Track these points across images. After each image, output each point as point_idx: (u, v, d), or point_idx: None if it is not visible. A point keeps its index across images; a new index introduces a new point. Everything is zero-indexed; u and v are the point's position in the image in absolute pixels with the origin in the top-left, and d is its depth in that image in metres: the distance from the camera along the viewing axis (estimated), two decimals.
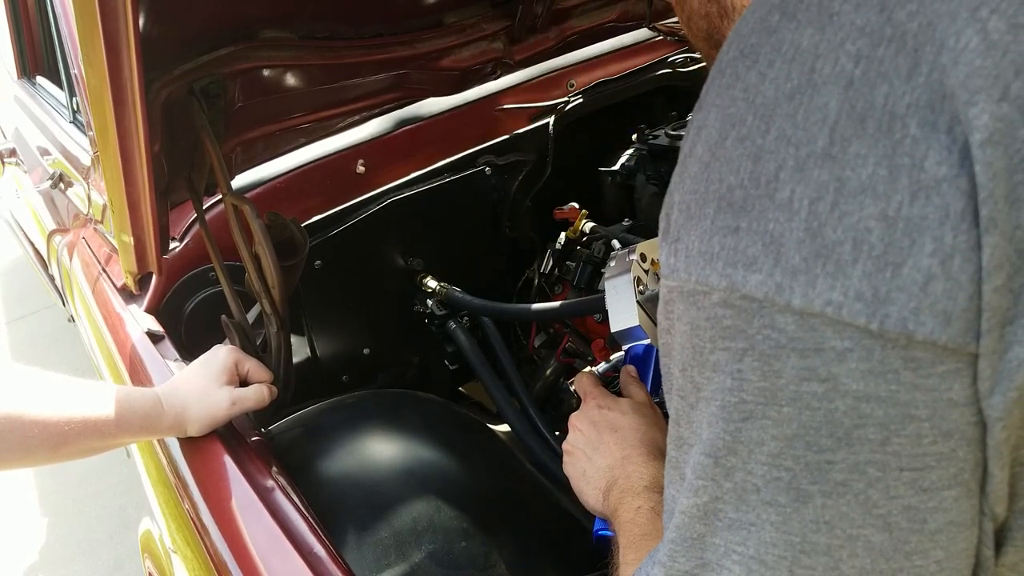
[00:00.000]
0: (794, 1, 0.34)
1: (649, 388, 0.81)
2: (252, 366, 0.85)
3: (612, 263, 0.83)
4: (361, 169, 1.28)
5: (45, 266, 2.04)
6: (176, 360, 0.97)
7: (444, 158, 1.34)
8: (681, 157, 0.39)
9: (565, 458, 0.78)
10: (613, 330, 0.81)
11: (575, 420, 0.79)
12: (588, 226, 1.29)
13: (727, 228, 0.34)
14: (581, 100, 1.46)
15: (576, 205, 1.33)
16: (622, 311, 0.80)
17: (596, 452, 0.75)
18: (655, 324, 0.80)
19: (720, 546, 0.38)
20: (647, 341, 0.81)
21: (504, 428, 1.15)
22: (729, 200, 0.34)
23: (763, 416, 0.34)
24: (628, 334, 0.80)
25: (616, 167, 1.40)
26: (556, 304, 1.11)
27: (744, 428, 0.35)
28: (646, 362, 0.82)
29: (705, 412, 0.37)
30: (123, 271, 1.08)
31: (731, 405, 0.35)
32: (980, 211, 0.29)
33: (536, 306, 1.14)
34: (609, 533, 0.72)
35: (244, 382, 0.84)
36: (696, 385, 0.37)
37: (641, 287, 0.80)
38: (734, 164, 0.34)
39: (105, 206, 1.21)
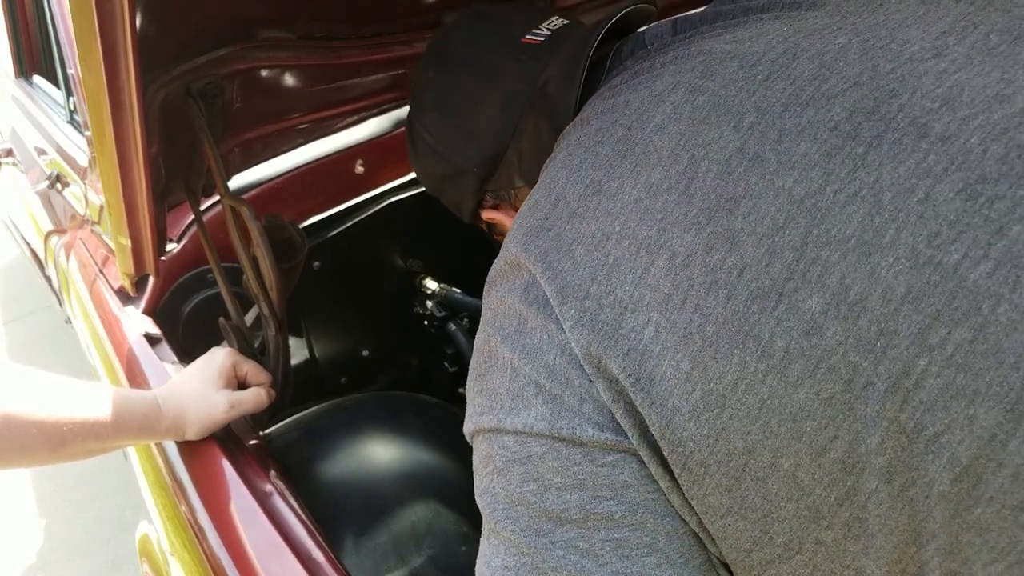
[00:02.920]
0: (503, 245, 0.53)
1: None
2: (250, 368, 0.84)
3: None
4: (360, 170, 1.28)
5: (42, 267, 2.03)
6: (174, 363, 0.96)
7: None
8: None
9: None
10: None
11: None
12: None
13: (477, 391, 0.50)
14: None
15: None
16: None
17: None
18: None
19: None
20: None
21: None
22: (479, 372, 0.50)
23: (506, 517, 0.46)
24: None
25: None
26: None
27: (499, 531, 0.46)
28: None
29: (484, 531, 0.49)
30: (120, 273, 1.07)
31: (490, 517, 0.47)
32: (585, 369, 0.43)
33: None
34: None
35: (242, 385, 0.84)
36: (483, 513, 0.49)
37: None
38: (480, 348, 0.51)
39: (102, 207, 1.21)
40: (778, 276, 0.38)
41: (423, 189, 1.28)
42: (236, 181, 1.14)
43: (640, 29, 0.61)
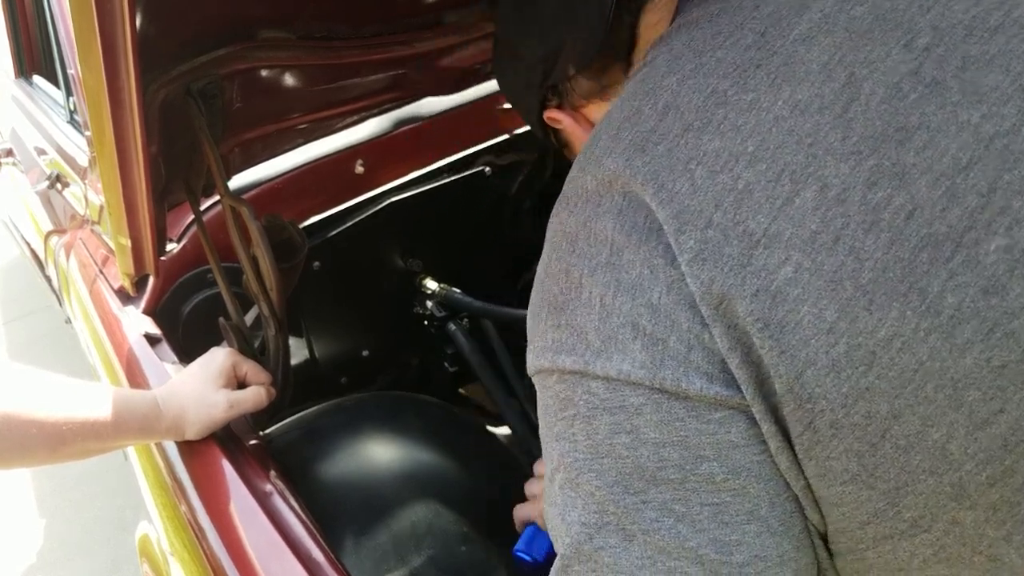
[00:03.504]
0: (586, 159, 0.46)
1: None
2: (250, 368, 0.84)
3: None
4: (360, 169, 1.28)
5: (42, 267, 2.03)
6: (174, 362, 0.96)
7: (443, 158, 1.34)
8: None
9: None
10: None
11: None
12: None
13: (553, 325, 0.44)
14: None
15: None
16: None
17: None
18: None
19: None
20: None
21: (505, 430, 1.14)
22: (554, 304, 0.44)
23: (589, 470, 0.41)
24: None
25: None
26: None
27: (579, 483, 0.42)
28: None
29: (556, 480, 0.44)
30: (120, 273, 1.07)
31: (569, 465, 0.43)
32: (701, 311, 0.38)
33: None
34: (527, 557, 0.74)
35: (242, 384, 0.84)
36: (549, 458, 0.45)
37: None
38: (556, 277, 0.45)
39: (102, 207, 1.21)
40: (956, 224, 0.34)
41: (423, 189, 1.28)
42: (236, 181, 1.14)
43: None
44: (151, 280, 1.08)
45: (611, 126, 0.46)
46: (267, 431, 0.97)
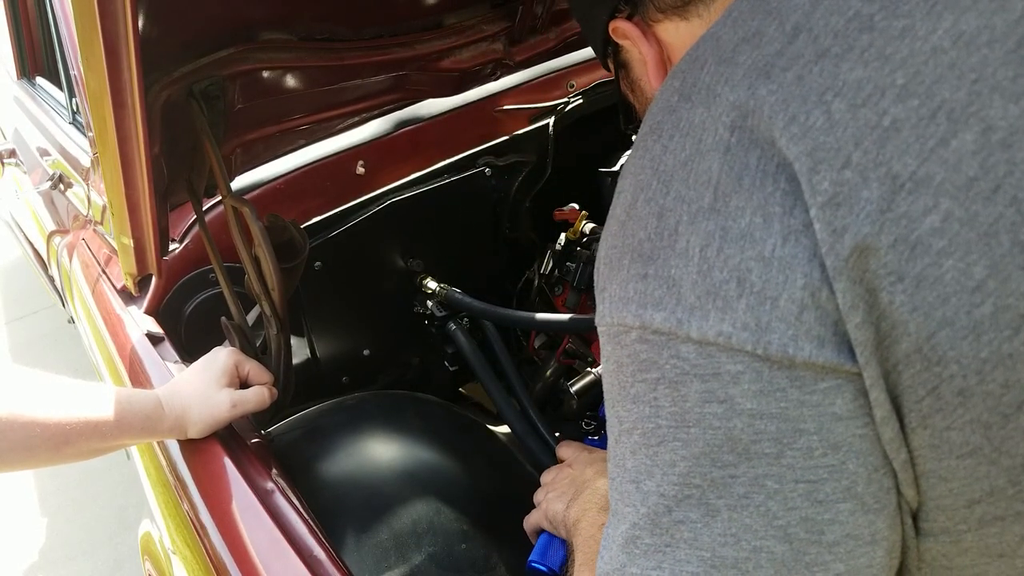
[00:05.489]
0: (689, 85, 0.40)
1: None
2: (252, 368, 0.85)
3: None
4: (361, 170, 1.28)
5: (45, 267, 2.03)
6: (176, 362, 0.97)
7: (444, 159, 1.34)
8: (607, 220, 0.44)
9: (544, 490, 0.81)
10: None
11: (556, 467, 0.84)
12: (588, 227, 1.29)
13: (638, 275, 0.39)
14: (581, 101, 1.46)
15: (576, 206, 1.32)
16: None
17: (581, 480, 0.76)
18: None
19: (636, 575, 0.40)
20: None
21: (504, 429, 1.15)
22: (639, 251, 0.39)
23: (674, 439, 0.38)
24: None
25: (616, 168, 1.40)
26: (564, 317, 1.10)
27: (659, 451, 0.39)
28: None
29: (628, 443, 0.41)
30: (123, 273, 1.08)
31: (649, 431, 0.39)
32: (824, 262, 0.34)
33: (540, 316, 1.14)
34: (543, 567, 0.72)
35: (244, 384, 0.84)
36: (619, 418, 0.41)
37: None
38: (643, 221, 0.39)
39: (105, 207, 1.21)
40: None
41: (424, 189, 1.29)
42: (238, 182, 1.14)
43: None
44: (153, 280, 1.08)
45: (720, 48, 0.40)
46: (269, 430, 0.98)
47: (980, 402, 0.34)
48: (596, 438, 0.82)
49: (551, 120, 1.41)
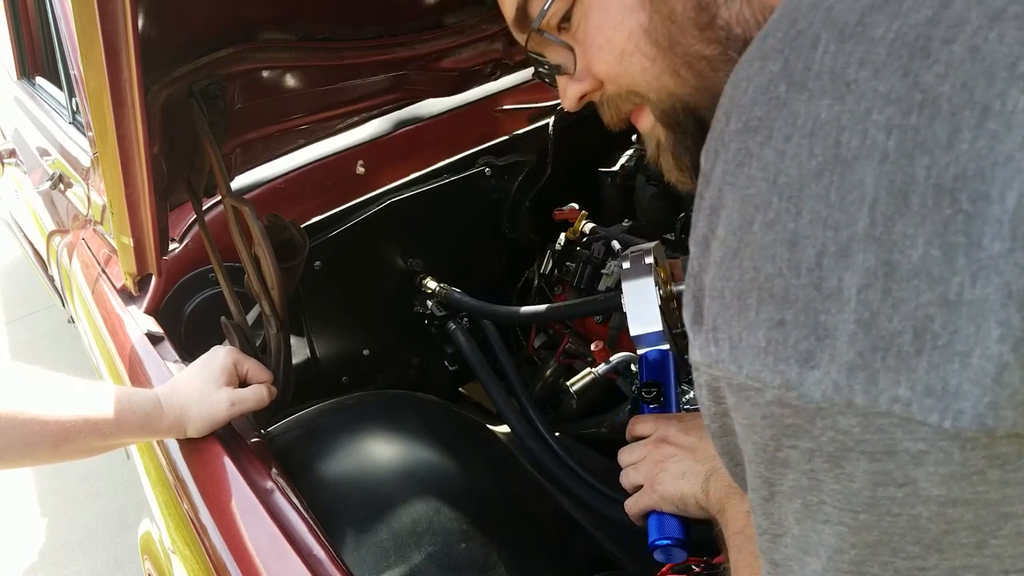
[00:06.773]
0: (800, 69, 0.31)
1: (671, 392, 0.81)
2: (252, 367, 0.85)
3: (626, 264, 0.83)
4: (361, 170, 1.28)
5: (45, 267, 2.04)
6: (176, 361, 0.97)
7: (444, 159, 1.34)
8: (697, 235, 0.35)
9: (645, 470, 0.73)
10: (633, 334, 0.80)
11: (641, 444, 0.76)
12: (588, 227, 1.29)
13: (771, 321, 0.31)
14: None
15: (576, 206, 1.33)
16: (644, 315, 0.79)
17: (693, 453, 0.71)
18: (670, 328, 0.81)
19: None
20: (666, 346, 0.81)
21: (504, 429, 1.15)
22: (770, 290, 0.31)
23: (839, 522, 0.31)
24: (648, 338, 0.80)
25: (616, 168, 1.40)
26: (560, 304, 1.11)
27: (824, 531, 0.32)
28: (664, 368, 0.82)
29: (789, 508, 0.34)
30: (123, 272, 1.08)
31: (813, 505, 0.32)
32: None
33: (528, 309, 1.14)
34: (667, 541, 0.69)
35: (244, 383, 0.84)
36: (767, 480, 0.35)
37: (660, 291, 0.80)
38: (768, 251, 0.31)
39: (105, 207, 1.21)
40: None
41: (423, 189, 1.29)
42: (238, 181, 1.14)
43: None
44: (153, 280, 1.09)
45: (835, 18, 0.30)
46: (268, 429, 0.98)
47: None
48: (656, 405, 0.79)
49: (551, 120, 1.41)
